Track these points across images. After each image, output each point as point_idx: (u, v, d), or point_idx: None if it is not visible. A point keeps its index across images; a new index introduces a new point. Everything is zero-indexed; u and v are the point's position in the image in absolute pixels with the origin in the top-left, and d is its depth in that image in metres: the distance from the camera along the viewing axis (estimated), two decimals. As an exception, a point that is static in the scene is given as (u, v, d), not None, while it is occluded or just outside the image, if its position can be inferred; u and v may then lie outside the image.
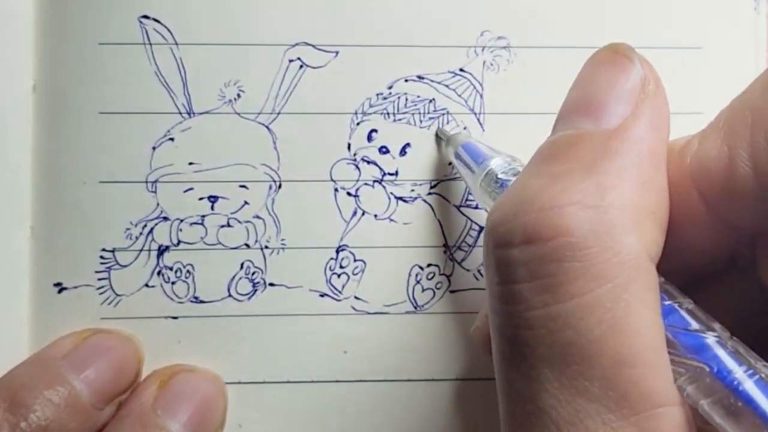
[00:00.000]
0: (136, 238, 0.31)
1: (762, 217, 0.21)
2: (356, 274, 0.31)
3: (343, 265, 0.31)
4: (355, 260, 0.31)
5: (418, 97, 0.32)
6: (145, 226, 0.31)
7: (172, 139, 0.31)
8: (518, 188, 0.22)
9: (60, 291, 0.31)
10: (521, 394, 0.20)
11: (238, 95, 0.31)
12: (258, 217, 0.31)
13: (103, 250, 0.31)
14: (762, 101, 0.21)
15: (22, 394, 0.27)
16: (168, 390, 0.29)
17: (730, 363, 0.19)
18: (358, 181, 0.32)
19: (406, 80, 0.32)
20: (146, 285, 0.31)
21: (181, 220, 0.31)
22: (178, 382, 0.30)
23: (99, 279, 0.31)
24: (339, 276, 0.31)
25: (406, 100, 0.32)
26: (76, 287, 0.31)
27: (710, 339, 0.20)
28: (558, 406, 0.19)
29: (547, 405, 0.19)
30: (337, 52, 0.31)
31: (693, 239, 0.22)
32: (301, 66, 0.31)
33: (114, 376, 0.29)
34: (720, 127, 0.22)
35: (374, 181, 0.32)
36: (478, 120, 0.32)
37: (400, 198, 0.32)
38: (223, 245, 0.31)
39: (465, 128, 0.32)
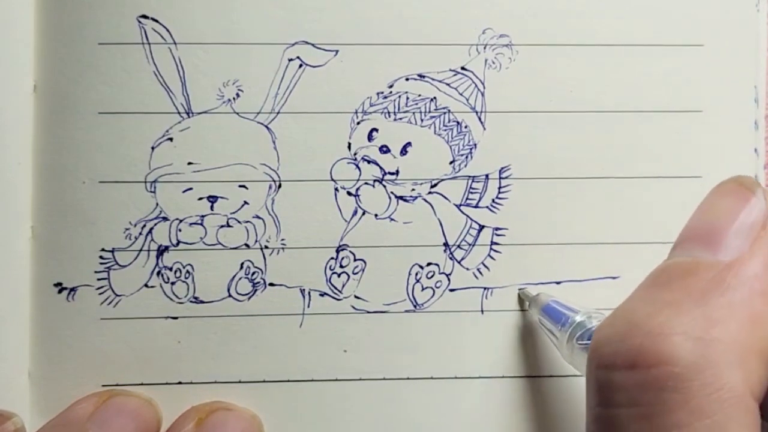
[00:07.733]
0: (136, 238, 0.31)
1: None
2: (356, 273, 0.31)
3: (343, 264, 0.31)
4: (355, 260, 0.31)
5: (419, 95, 0.32)
6: (145, 226, 0.31)
7: (171, 139, 0.31)
8: (627, 311, 0.22)
9: (60, 291, 0.31)
10: None
11: (237, 95, 0.31)
12: (258, 217, 0.31)
13: (103, 250, 0.31)
14: None
15: None
16: (205, 429, 0.29)
17: None
18: (358, 180, 0.31)
19: (407, 79, 0.32)
20: (146, 285, 0.31)
21: (181, 221, 0.31)
22: (216, 421, 0.30)
23: (99, 279, 0.31)
24: (339, 275, 0.31)
25: (407, 98, 0.32)
26: (75, 287, 0.31)
27: None
28: None
29: None
30: (336, 51, 0.31)
31: None
32: (301, 65, 0.31)
33: None
34: None
35: (375, 181, 0.31)
36: (480, 119, 0.32)
37: (401, 197, 0.32)
38: (223, 245, 0.31)
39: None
